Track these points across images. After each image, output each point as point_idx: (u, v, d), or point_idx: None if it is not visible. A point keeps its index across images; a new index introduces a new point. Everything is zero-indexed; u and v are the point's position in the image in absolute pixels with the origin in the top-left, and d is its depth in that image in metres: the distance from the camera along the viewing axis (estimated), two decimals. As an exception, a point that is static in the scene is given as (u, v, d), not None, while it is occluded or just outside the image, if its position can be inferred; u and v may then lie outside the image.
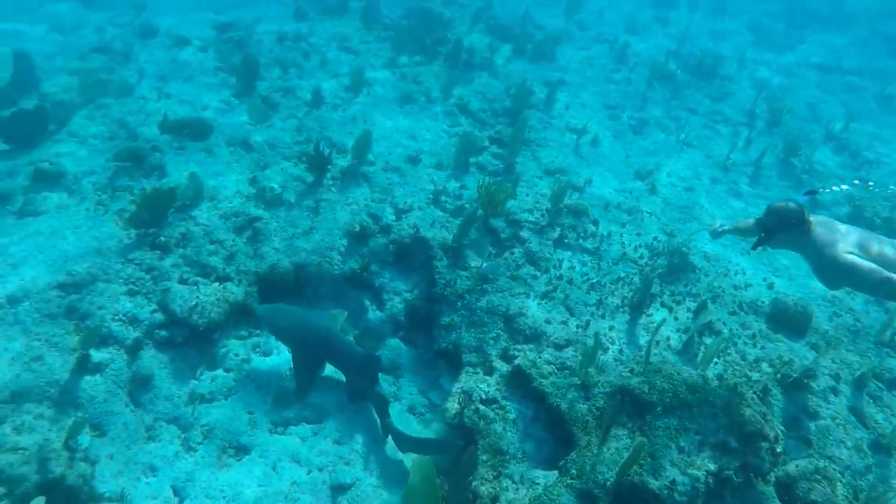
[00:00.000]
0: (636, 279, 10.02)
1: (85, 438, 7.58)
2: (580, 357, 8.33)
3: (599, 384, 7.86)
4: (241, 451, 8.01)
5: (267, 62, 15.56)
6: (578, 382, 7.95)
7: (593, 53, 20.40)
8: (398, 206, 10.80)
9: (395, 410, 8.73)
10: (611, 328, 9.12)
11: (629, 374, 7.81)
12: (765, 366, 8.61)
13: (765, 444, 6.84)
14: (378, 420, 8.39)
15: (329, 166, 11.29)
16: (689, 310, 9.61)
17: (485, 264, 9.88)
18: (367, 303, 9.99)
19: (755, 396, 7.47)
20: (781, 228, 6.57)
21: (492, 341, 8.95)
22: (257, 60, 14.75)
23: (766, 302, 9.99)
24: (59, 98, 13.50)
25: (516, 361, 8.44)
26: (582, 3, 23.85)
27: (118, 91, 14.09)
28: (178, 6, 21.08)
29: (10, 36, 18.02)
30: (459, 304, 9.41)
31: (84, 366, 8.07)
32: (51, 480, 6.91)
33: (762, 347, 9.04)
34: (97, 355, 8.20)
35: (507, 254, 10.18)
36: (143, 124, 12.64)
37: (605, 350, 8.67)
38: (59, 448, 7.19)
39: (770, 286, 10.48)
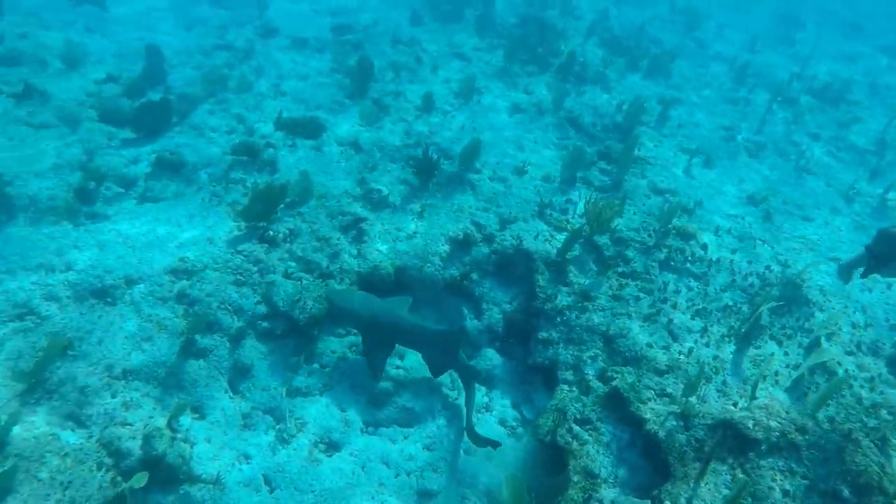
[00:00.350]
0: (745, 309, 9.62)
1: (186, 420, 7.87)
2: (682, 385, 8.06)
3: (701, 415, 7.58)
4: (332, 447, 8.14)
5: (380, 65, 15.79)
6: (678, 411, 7.69)
7: (711, 72, 19.82)
8: (503, 216, 10.74)
9: (485, 422, 8.70)
10: (715, 358, 8.79)
11: (733, 408, 7.52)
12: (884, 413, 8.07)
13: (881, 499, 6.41)
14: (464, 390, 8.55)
15: (436, 172, 11.34)
16: (800, 346, 9.15)
17: (587, 281, 9.70)
18: (466, 311, 9.96)
19: (872, 445, 7.03)
20: (894, 255, 6.15)
21: (589, 360, 8.78)
22: (371, 63, 14.99)
23: (888, 344, 9.40)
24: (183, 91, 14.12)
25: (614, 383, 8.25)
26: (702, 20, 23.23)
27: (238, 87, 14.61)
28: (298, 7, 21.73)
29: (142, 29, 18.99)
30: (559, 319, 9.27)
31: (189, 350, 8.38)
32: (153, 457, 7.19)
33: (881, 393, 8.49)
34: (202, 341, 8.50)
35: (610, 272, 9.96)
36: (259, 120, 13.06)
37: (709, 380, 8.35)
38: (163, 427, 7.49)
39: (893, 328, 9.85)
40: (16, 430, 6.98)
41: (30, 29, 16.75)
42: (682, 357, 8.72)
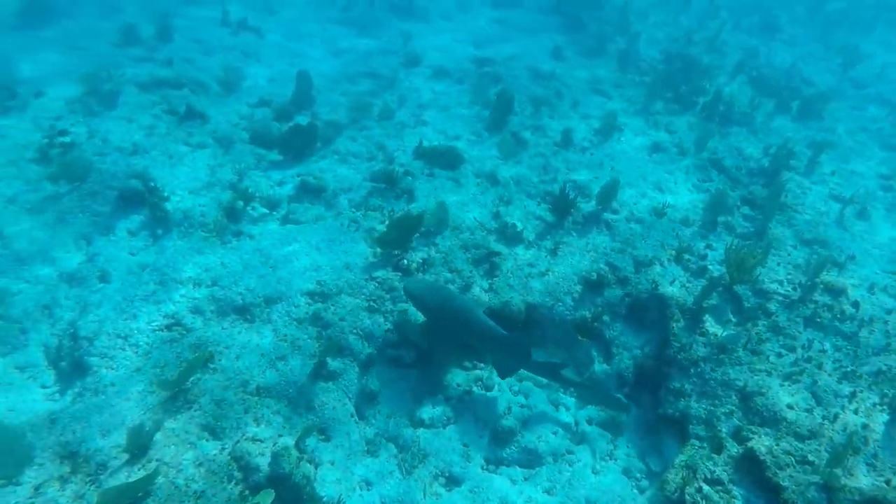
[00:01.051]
0: (902, 376, 8.87)
1: (312, 441, 8.03)
2: (826, 454, 7.49)
3: (847, 490, 7.02)
4: (453, 481, 8.08)
5: (520, 99, 15.83)
6: (821, 482, 7.16)
7: (869, 115, 18.65)
8: (638, 258, 10.45)
9: (609, 470, 8.42)
10: (865, 427, 8.12)
11: (885, 486, 6.89)
12: None
13: None
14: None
15: (572, 209, 11.20)
16: (966, 422, 8.32)
17: (725, 332, 9.25)
18: (595, 353, 9.71)
19: None
20: None
21: (723, 417, 8.34)
22: (511, 96, 15.04)
23: None
24: (328, 117, 14.67)
25: (750, 444, 7.79)
26: (861, 58, 21.93)
27: (380, 115, 15.03)
28: (441, 37, 22.21)
29: (294, 56, 19.96)
30: (692, 370, 8.87)
31: (320, 372, 8.58)
32: (280, 475, 7.36)
33: None
34: (333, 364, 8.69)
35: (749, 325, 9.46)
36: (399, 148, 13.36)
37: (857, 451, 7.72)
38: (291, 447, 7.66)
39: None
40: (158, 436, 7.35)
41: (195, 54, 17.96)
42: (826, 423, 8.12)
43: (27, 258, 10.48)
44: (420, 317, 9.17)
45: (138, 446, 7.11)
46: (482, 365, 9.40)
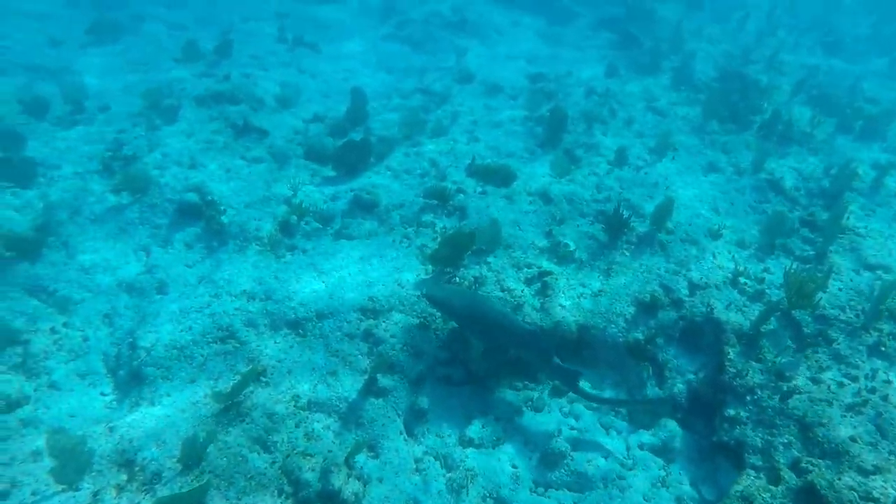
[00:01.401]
0: (974, 410, 8.52)
1: (361, 457, 8.04)
2: (893, 490, 7.22)
3: (913, 528, 6.75)
4: (500, 503, 8.01)
5: (573, 115, 15.75)
6: (885, 519, 6.89)
7: (936, 135, 18.05)
8: (693, 280, 10.27)
9: (661, 498, 8.24)
10: (932, 462, 7.81)
11: (954, 525, 6.61)
12: None
13: None
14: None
15: (626, 229, 11.07)
16: None
17: (783, 359, 9.01)
18: (646, 376, 9.56)
19: None
20: None
21: (781, 447, 8.10)
22: (565, 113, 14.99)
23: None
24: (381, 133, 14.81)
25: (809, 477, 7.54)
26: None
27: (433, 131, 15.11)
28: (495, 53, 22.30)
29: (348, 71, 20.24)
30: (748, 397, 8.66)
31: (370, 388, 8.61)
32: (329, 492, 7.41)
33: None
34: (383, 381, 8.71)
35: (809, 352, 9.20)
36: (451, 165, 13.39)
37: (925, 489, 7.44)
38: (341, 463, 7.69)
39: None
40: (211, 447, 7.45)
41: (252, 70, 18.33)
42: (893, 458, 7.83)
43: (90, 267, 10.79)
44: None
45: (192, 457, 7.23)
46: (532, 385, 9.34)
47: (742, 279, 10.37)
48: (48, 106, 14.66)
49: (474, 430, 8.62)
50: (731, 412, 8.59)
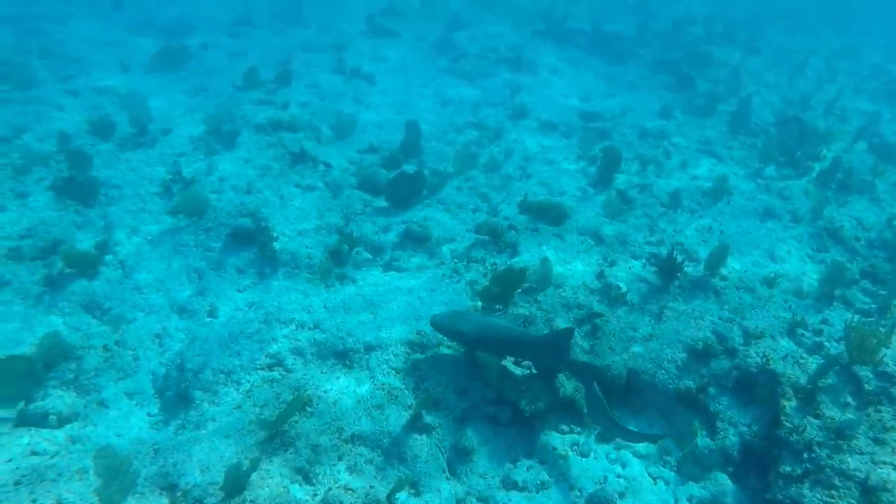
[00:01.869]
0: None
1: (403, 495, 7.94)
2: (957, 563, 6.86)
3: None
4: (543, 550, 7.82)
5: (627, 156, 15.64)
6: (951, 593, 6.53)
7: None
8: (748, 329, 10.01)
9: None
10: None
11: None
12: None
13: None
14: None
15: (679, 273, 10.88)
16: None
17: (843, 417, 8.67)
18: (697, 426, 9.28)
19: None
20: None
21: (841, 510, 7.76)
22: (619, 153, 14.89)
23: None
24: (434, 166, 14.88)
25: (871, 543, 7.21)
26: None
27: (486, 166, 15.13)
28: (549, 91, 22.33)
29: (402, 104, 20.44)
30: (806, 455, 8.32)
31: (415, 424, 8.50)
32: (369, 528, 7.31)
33: None
34: (428, 417, 8.60)
35: (871, 410, 8.83)
36: (503, 201, 13.38)
37: None
38: (383, 499, 7.60)
39: None
40: (254, 475, 7.43)
41: (310, 99, 18.66)
42: (959, 527, 7.45)
43: (144, 287, 11.00)
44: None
45: (235, 485, 7.20)
46: (578, 429, 9.15)
47: (799, 330, 10.07)
48: (114, 128, 15.12)
49: (519, 472, 8.44)
50: (787, 469, 8.27)
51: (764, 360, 9.44)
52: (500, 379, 8.87)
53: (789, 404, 8.88)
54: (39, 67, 19.08)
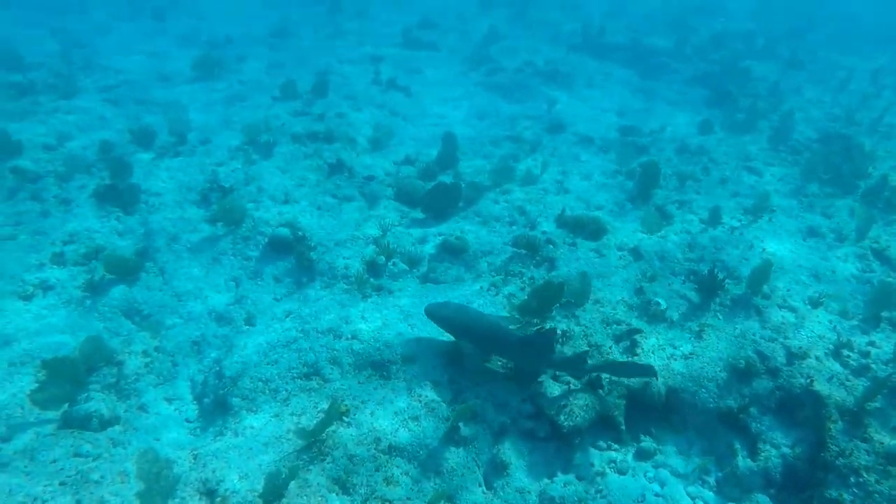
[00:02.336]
0: None
1: (440, 507, 7.87)
2: None
3: None
4: (580, 568, 7.70)
5: (665, 172, 15.47)
6: None
7: None
8: (791, 349, 9.80)
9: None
10: None
11: None
12: None
13: None
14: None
15: (720, 291, 10.70)
16: None
17: (893, 442, 8.44)
18: (738, 446, 9.09)
19: None
20: None
21: (891, 538, 7.55)
22: (657, 168, 14.73)
23: None
24: (471, 178, 14.84)
25: (921, 573, 6.99)
26: None
27: (523, 179, 15.06)
28: (586, 105, 22.25)
29: (438, 116, 20.50)
30: (853, 480, 8.12)
31: (452, 437, 8.43)
32: (406, 540, 7.25)
33: None
34: (465, 430, 8.52)
35: (921, 435, 8.60)
36: (541, 215, 13.30)
37: None
38: (419, 512, 7.54)
39: None
40: (292, 484, 7.41)
41: (346, 110, 18.77)
42: None
43: (183, 294, 11.09)
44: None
45: (274, 493, 7.19)
46: (616, 446, 9.02)
47: (845, 351, 9.84)
48: (154, 137, 15.32)
49: (556, 487, 8.33)
50: (833, 494, 8.06)
51: (808, 380, 9.24)
52: (481, 373, 9.21)
53: (835, 427, 8.67)
54: (83, 78, 19.45)
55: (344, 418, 8.39)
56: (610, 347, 9.73)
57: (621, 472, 8.75)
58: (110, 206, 12.71)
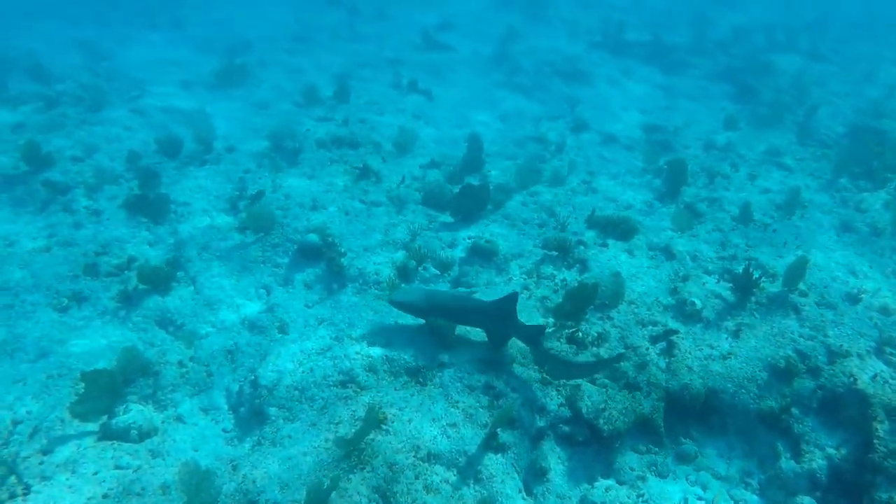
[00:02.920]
0: None
1: (480, 516, 7.80)
2: None
3: None
4: (625, 575, 7.60)
5: (692, 169, 15.33)
6: None
7: None
8: (832, 347, 9.65)
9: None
10: None
11: None
12: None
13: None
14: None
15: (756, 289, 10.56)
16: None
17: (941, 441, 8.29)
18: (781, 448, 8.96)
19: None
20: None
21: (940, 539, 7.39)
22: (685, 166, 14.60)
23: None
24: (498, 180, 14.76)
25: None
26: None
27: (550, 180, 14.97)
28: (608, 104, 22.09)
29: (461, 118, 20.42)
30: (902, 481, 7.98)
31: (490, 443, 8.36)
32: (449, 549, 7.18)
33: None
34: (504, 436, 8.45)
35: (971, 435, 8.43)
36: (570, 216, 13.19)
37: None
38: (462, 520, 7.47)
39: None
40: (333, 495, 7.38)
41: (369, 115, 18.76)
42: None
43: (215, 303, 11.10)
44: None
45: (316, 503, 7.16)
46: (656, 449, 8.91)
47: (888, 349, 9.68)
48: (181, 146, 15.36)
49: (597, 493, 8.25)
50: (884, 496, 7.92)
51: (851, 380, 9.08)
52: (454, 342, 9.60)
53: (882, 427, 8.53)
54: (108, 89, 19.55)
55: (382, 426, 8.34)
56: (647, 349, 9.62)
57: (662, 476, 8.66)
58: (140, 216, 12.76)
